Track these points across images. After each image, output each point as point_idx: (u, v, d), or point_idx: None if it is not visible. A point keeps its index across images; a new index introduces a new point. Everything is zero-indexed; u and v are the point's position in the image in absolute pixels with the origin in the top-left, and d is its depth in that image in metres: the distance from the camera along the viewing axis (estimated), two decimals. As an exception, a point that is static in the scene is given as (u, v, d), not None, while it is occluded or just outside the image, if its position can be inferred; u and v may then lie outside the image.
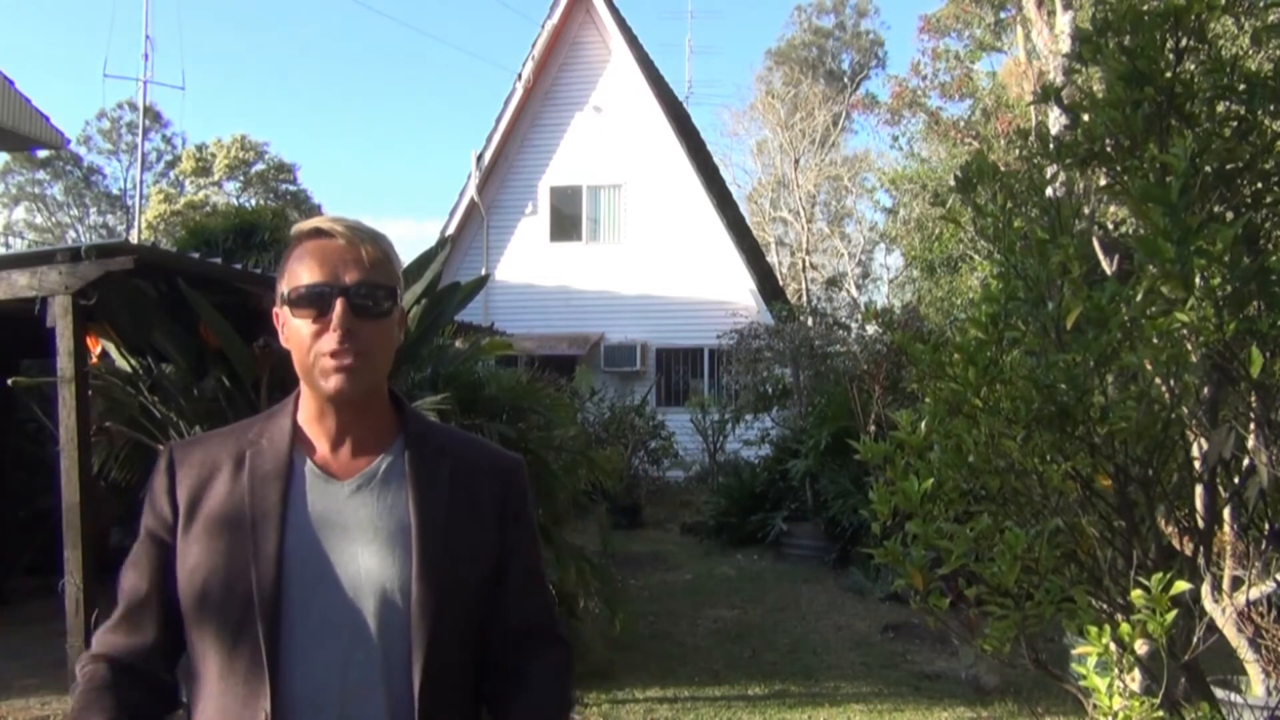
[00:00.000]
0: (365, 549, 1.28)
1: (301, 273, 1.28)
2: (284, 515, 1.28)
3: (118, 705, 1.26)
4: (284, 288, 1.31)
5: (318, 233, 1.30)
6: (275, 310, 1.33)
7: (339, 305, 1.25)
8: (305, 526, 1.28)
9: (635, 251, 16.70)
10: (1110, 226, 3.87)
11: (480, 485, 1.37)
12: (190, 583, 1.27)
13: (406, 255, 5.14)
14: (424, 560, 1.27)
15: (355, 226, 1.31)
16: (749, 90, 40.89)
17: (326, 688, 1.24)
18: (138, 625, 1.32)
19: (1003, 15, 17.29)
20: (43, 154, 28.39)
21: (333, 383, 1.26)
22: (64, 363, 4.77)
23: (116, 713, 1.25)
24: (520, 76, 16.77)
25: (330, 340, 1.26)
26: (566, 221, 17.14)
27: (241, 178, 32.42)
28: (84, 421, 4.82)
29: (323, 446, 1.33)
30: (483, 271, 14.95)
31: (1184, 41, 2.15)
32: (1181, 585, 1.88)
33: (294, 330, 1.29)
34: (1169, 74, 2.14)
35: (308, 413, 1.35)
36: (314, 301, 1.27)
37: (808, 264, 28.75)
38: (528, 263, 16.92)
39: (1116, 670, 2.02)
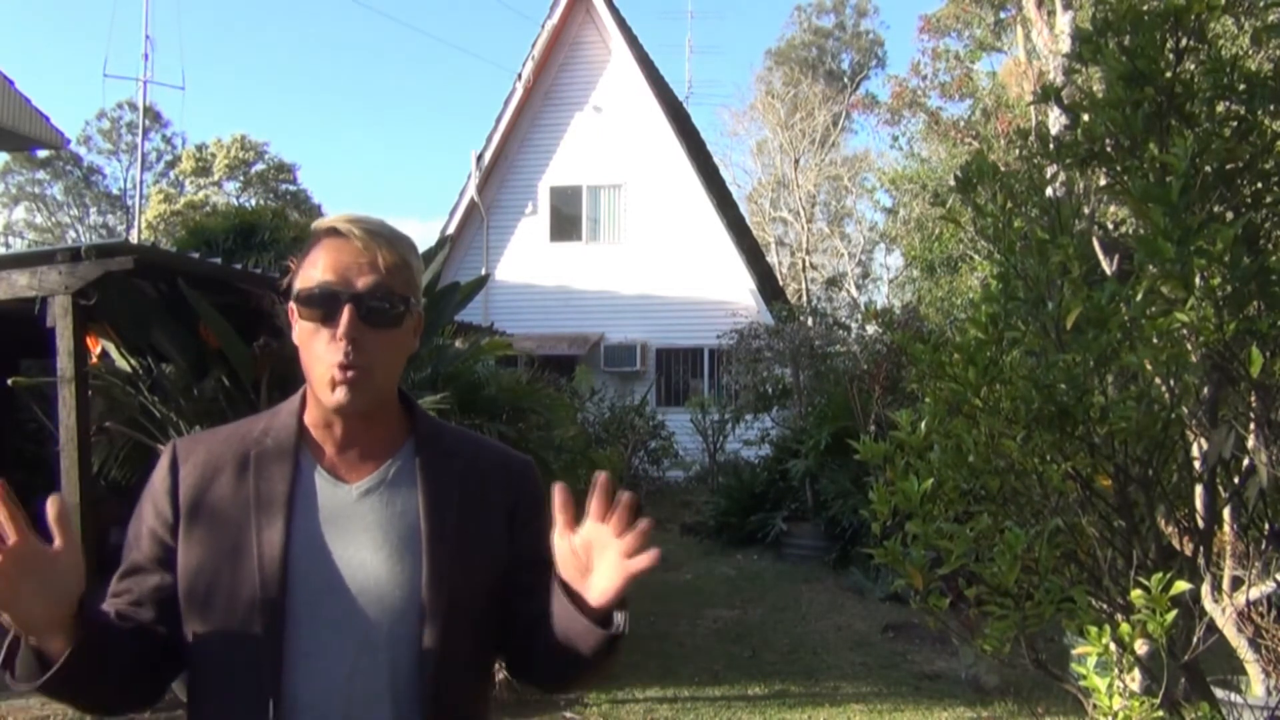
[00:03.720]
0: (374, 554, 1.25)
1: (313, 272, 1.25)
2: (289, 518, 1.24)
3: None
4: (296, 285, 1.27)
5: (334, 232, 1.26)
6: (290, 306, 1.29)
7: (346, 312, 1.21)
8: (311, 530, 1.25)
9: (635, 251, 16.69)
10: (1110, 226, 3.86)
11: (491, 488, 1.34)
12: (192, 583, 1.24)
13: (407, 255, 5.14)
14: (434, 566, 1.25)
15: (374, 229, 1.26)
16: (749, 90, 40.89)
17: (331, 694, 1.21)
18: (138, 609, 1.27)
19: (1003, 15, 17.29)
20: (43, 154, 28.40)
21: (336, 395, 1.23)
22: (64, 363, 4.77)
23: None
24: (520, 76, 16.76)
25: (335, 350, 1.22)
26: (566, 221, 17.14)
27: (241, 178, 32.42)
28: (84, 421, 4.82)
29: (330, 449, 1.30)
30: (483, 271, 14.94)
31: (1184, 41, 2.15)
32: (1181, 585, 1.88)
33: (301, 330, 1.26)
34: (1169, 74, 2.14)
35: (314, 415, 1.31)
36: (321, 304, 1.23)
37: (808, 264, 28.75)
38: (528, 263, 16.91)
39: (1116, 670, 2.02)
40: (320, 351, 1.24)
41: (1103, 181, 2.47)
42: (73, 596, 1.11)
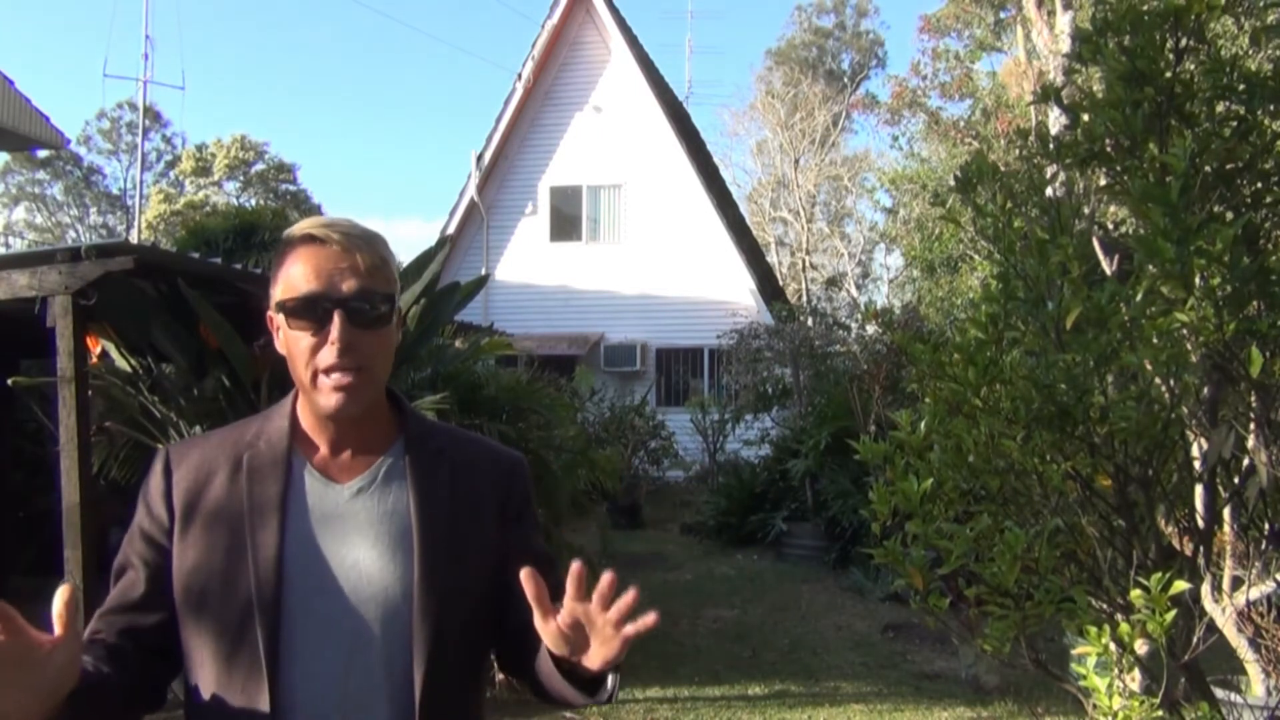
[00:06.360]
0: (366, 553, 1.27)
1: (297, 281, 1.25)
2: (283, 518, 1.26)
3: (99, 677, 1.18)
4: (279, 294, 1.28)
5: (311, 238, 1.26)
6: (269, 314, 1.31)
7: (337, 318, 1.23)
8: (305, 530, 1.27)
9: (635, 251, 16.69)
10: (1110, 226, 3.86)
11: (481, 485, 1.36)
12: (188, 585, 1.26)
13: (412, 256, 5.16)
14: (426, 563, 1.26)
15: (349, 231, 1.27)
16: (749, 90, 40.95)
17: (327, 692, 1.23)
18: (133, 614, 1.28)
19: (1003, 15, 17.29)
20: (43, 154, 28.40)
21: (333, 401, 1.24)
22: (64, 363, 4.76)
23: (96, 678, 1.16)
24: (520, 76, 16.77)
25: (329, 354, 1.23)
26: (566, 221, 17.14)
27: (241, 178, 32.42)
28: (84, 421, 4.81)
29: (322, 450, 1.32)
30: (483, 271, 14.95)
31: (1184, 41, 2.15)
32: (1181, 585, 1.88)
33: (291, 340, 1.27)
34: (1169, 74, 2.14)
35: (306, 417, 1.33)
36: (311, 312, 1.24)
37: (808, 264, 28.75)
38: (528, 263, 16.92)
39: (1116, 670, 2.02)
40: (311, 357, 1.25)
41: (1103, 181, 2.47)
42: (60, 693, 1.06)
